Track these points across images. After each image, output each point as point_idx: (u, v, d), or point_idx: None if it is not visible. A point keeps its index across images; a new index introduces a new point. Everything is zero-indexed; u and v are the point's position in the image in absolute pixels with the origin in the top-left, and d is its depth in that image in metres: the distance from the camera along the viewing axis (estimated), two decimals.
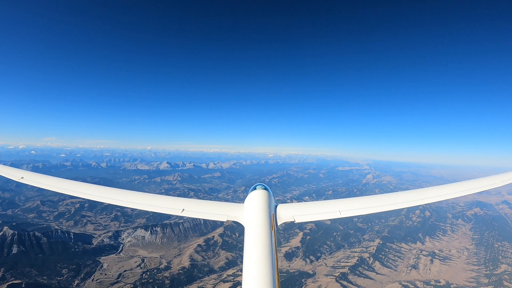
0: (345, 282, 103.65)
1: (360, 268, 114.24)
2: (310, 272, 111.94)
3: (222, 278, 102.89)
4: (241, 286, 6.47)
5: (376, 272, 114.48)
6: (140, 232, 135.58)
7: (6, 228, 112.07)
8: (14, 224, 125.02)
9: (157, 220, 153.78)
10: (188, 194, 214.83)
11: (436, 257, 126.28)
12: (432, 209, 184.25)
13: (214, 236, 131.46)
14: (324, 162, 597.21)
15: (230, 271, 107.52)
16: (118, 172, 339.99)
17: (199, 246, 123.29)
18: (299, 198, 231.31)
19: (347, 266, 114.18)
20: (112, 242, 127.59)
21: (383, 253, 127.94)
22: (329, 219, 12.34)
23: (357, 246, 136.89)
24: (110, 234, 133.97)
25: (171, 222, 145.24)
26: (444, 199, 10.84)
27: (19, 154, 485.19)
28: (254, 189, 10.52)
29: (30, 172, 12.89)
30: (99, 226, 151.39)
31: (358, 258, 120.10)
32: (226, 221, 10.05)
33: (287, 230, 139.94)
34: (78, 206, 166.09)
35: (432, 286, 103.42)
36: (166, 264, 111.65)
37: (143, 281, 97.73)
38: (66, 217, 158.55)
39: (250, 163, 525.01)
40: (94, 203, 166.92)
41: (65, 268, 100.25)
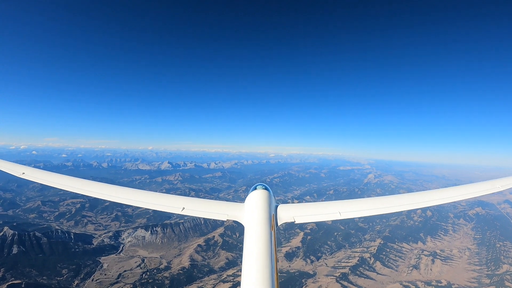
0: (345, 283, 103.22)
1: (360, 268, 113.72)
2: (311, 272, 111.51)
3: (222, 278, 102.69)
4: (240, 286, 6.52)
5: (377, 272, 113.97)
6: (140, 232, 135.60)
7: (6, 228, 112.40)
8: (15, 224, 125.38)
9: (157, 220, 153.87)
10: (189, 194, 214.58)
11: (437, 257, 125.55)
12: (433, 208, 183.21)
13: (214, 236, 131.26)
14: (325, 162, 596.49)
15: (230, 271, 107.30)
16: (119, 172, 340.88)
17: (199, 246, 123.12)
18: (300, 197, 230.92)
19: (348, 266, 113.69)
20: (112, 242, 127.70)
21: (384, 253, 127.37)
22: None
23: (358, 246, 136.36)
24: (110, 234, 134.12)
25: (172, 222, 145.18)
26: (444, 203, 10.91)
27: (21, 155, 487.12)
28: (255, 189, 10.53)
29: (31, 167, 12.98)
30: (100, 226, 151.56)
31: (359, 258, 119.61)
32: (226, 220, 10.09)
33: (288, 230, 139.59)
34: (79, 206, 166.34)
35: (433, 287, 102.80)
36: (166, 264, 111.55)
37: (143, 281, 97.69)
38: (66, 217, 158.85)
39: (251, 163, 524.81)
40: (95, 203, 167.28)
41: (65, 268, 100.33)
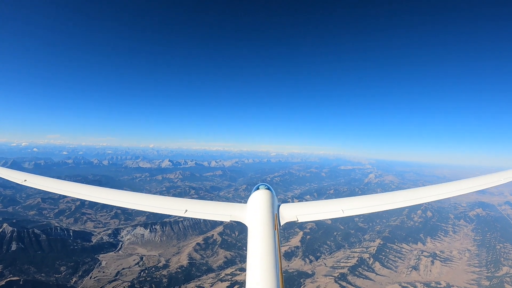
0: (344, 283, 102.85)
1: (359, 268, 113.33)
2: (309, 272, 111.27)
3: (220, 277, 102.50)
4: (244, 286, 6.48)
5: (375, 273, 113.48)
6: (139, 230, 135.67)
7: (5, 225, 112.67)
8: (14, 221, 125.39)
9: (157, 218, 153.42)
10: (189, 192, 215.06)
11: (437, 258, 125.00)
12: (434, 209, 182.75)
13: (213, 234, 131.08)
14: (326, 161, 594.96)
15: (229, 270, 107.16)
16: (120, 169, 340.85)
17: (198, 244, 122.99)
18: (301, 197, 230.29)
19: (347, 266, 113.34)
20: (111, 240, 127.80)
21: (384, 253, 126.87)
22: (330, 219, 11.98)
23: (357, 246, 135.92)
24: (109, 231, 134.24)
25: (171, 220, 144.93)
26: (447, 197, 10.57)
27: (22, 152, 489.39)
28: (257, 189, 10.40)
29: (32, 174, 12.86)
30: (99, 224, 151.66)
31: (358, 258, 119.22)
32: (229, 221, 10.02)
33: (287, 229, 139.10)
34: (78, 203, 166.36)
35: None
36: (164, 262, 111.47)
37: (141, 279, 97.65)
38: (66, 214, 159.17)
39: (252, 162, 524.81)
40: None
41: (63, 265, 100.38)
